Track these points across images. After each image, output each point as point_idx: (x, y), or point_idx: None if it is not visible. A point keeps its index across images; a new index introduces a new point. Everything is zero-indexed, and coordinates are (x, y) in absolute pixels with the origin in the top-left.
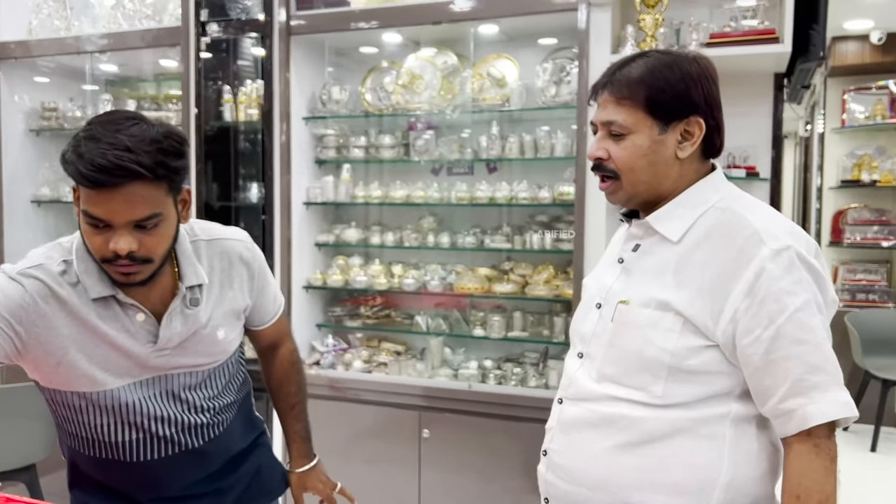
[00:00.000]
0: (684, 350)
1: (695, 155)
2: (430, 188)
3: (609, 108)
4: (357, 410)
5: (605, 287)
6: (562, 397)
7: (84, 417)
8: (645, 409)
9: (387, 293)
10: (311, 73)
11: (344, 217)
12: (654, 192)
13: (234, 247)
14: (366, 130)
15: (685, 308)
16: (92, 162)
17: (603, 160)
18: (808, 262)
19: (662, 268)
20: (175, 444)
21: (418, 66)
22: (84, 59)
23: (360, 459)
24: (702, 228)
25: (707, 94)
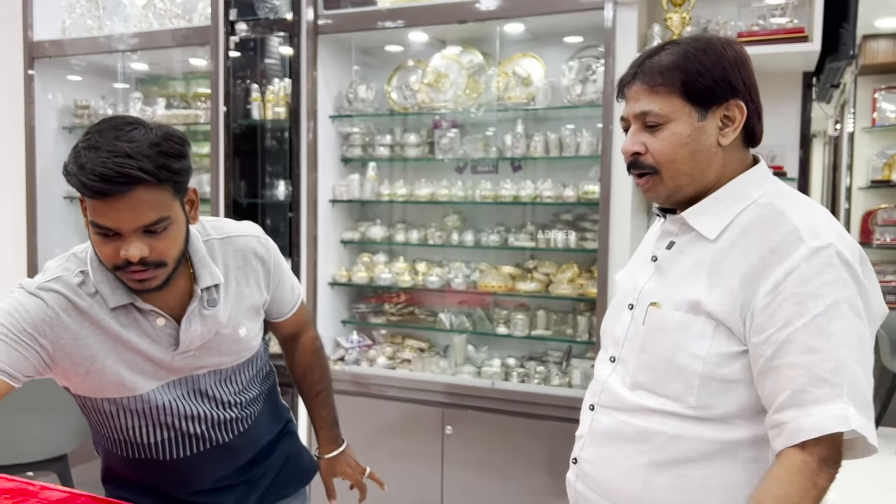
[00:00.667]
0: (717, 357)
1: (737, 143)
2: (455, 186)
3: (642, 98)
4: (381, 406)
5: (637, 287)
6: (593, 404)
7: (116, 421)
8: (681, 424)
9: (411, 290)
10: (337, 72)
11: (369, 215)
12: (698, 185)
13: (247, 243)
14: (391, 129)
15: (716, 309)
16: (93, 171)
17: (640, 154)
18: (848, 264)
19: (697, 267)
20: (206, 441)
21: (444, 64)
22: (115, 58)
23: (384, 455)
24: (740, 226)
25: (745, 77)
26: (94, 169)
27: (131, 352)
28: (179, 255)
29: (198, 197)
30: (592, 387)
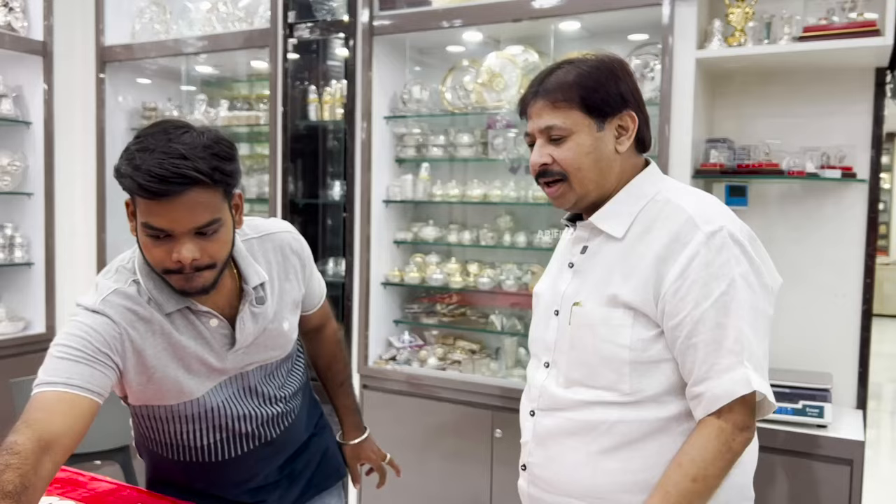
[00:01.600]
0: (640, 342)
1: (630, 150)
2: (507, 187)
3: (545, 114)
4: (431, 407)
5: (559, 293)
6: (533, 409)
7: (170, 427)
8: (620, 410)
9: (462, 291)
10: (392, 73)
11: (422, 215)
12: (601, 190)
13: (284, 239)
14: (445, 129)
15: (632, 299)
16: (150, 172)
17: (548, 165)
18: (739, 243)
19: (610, 265)
20: (254, 439)
21: (498, 64)
22: (181, 61)
23: (434, 455)
24: (643, 222)
25: (633, 88)
26: (150, 170)
27: (188, 356)
28: (227, 256)
29: (242, 201)
30: (528, 393)
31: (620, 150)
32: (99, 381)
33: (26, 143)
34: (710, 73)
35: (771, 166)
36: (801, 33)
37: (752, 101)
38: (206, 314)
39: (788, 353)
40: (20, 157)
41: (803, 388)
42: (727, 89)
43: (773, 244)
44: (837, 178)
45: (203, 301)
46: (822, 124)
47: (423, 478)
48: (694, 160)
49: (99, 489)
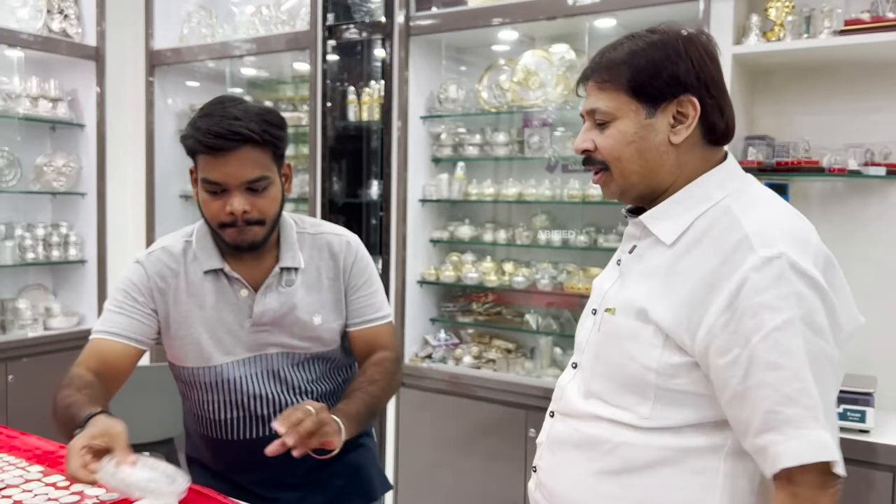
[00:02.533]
0: (670, 367)
1: (694, 141)
2: (543, 186)
3: (592, 95)
4: (465, 405)
5: (601, 292)
6: (553, 410)
7: (193, 393)
8: (630, 432)
9: (497, 290)
10: (429, 73)
11: (458, 214)
12: (651, 184)
13: (328, 239)
14: (481, 128)
15: (662, 320)
16: (209, 131)
17: (590, 151)
18: (805, 275)
19: (652, 274)
20: (260, 429)
21: (533, 62)
22: (227, 64)
23: (467, 454)
24: (696, 232)
25: (700, 70)
26: (209, 129)
27: (212, 319)
28: (276, 216)
29: (291, 172)
30: (555, 392)
31: (675, 141)
32: (137, 329)
33: (80, 144)
34: (749, 69)
35: (810, 163)
36: (841, 27)
37: (792, 97)
38: (238, 282)
39: None
40: (75, 159)
41: (844, 391)
42: (767, 86)
43: None
44: (882, 175)
45: (239, 269)
46: (866, 120)
47: (457, 476)
48: None
49: None
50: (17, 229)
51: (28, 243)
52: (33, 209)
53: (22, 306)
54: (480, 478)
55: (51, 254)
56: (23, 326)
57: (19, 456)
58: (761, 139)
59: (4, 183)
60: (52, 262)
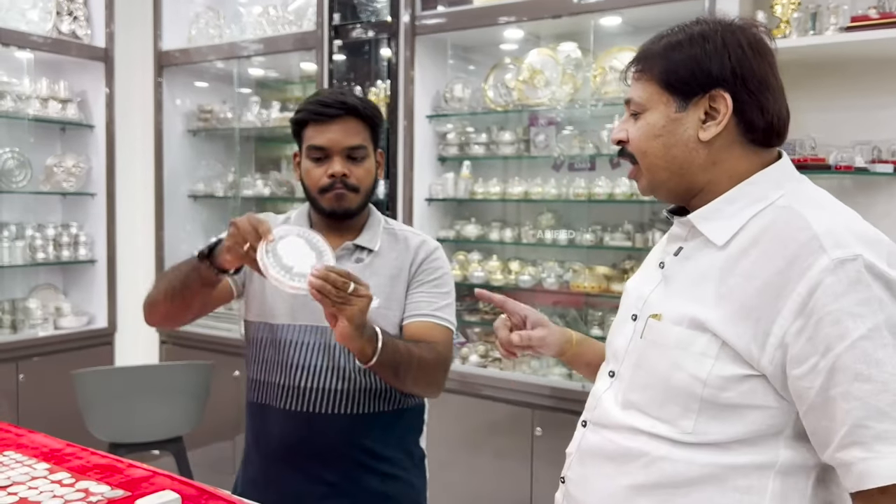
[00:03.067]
0: (721, 380)
1: (731, 139)
2: (549, 184)
3: (632, 85)
4: (471, 404)
5: (642, 296)
6: (586, 420)
7: (251, 351)
8: (671, 447)
9: (504, 289)
10: (435, 72)
11: (465, 213)
12: (682, 182)
13: (409, 237)
14: (487, 127)
15: (723, 329)
16: (318, 102)
17: (623, 142)
18: (884, 277)
19: (703, 278)
20: (312, 402)
21: (539, 61)
22: (235, 64)
23: (474, 452)
24: (753, 232)
25: (738, 65)
26: (318, 101)
27: None
28: (369, 189)
29: (384, 160)
30: (588, 401)
31: (703, 138)
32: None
33: (90, 145)
34: None
35: (816, 161)
36: (848, 23)
37: (800, 94)
38: None
39: None
40: (84, 160)
41: None
42: None
43: None
44: (889, 172)
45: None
46: (873, 117)
47: (463, 474)
48: None
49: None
50: (28, 229)
51: (38, 243)
52: (43, 209)
53: (32, 306)
54: (487, 477)
55: (61, 254)
56: (33, 326)
57: (25, 453)
58: None
59: (15, 183)
60: (63, 262)
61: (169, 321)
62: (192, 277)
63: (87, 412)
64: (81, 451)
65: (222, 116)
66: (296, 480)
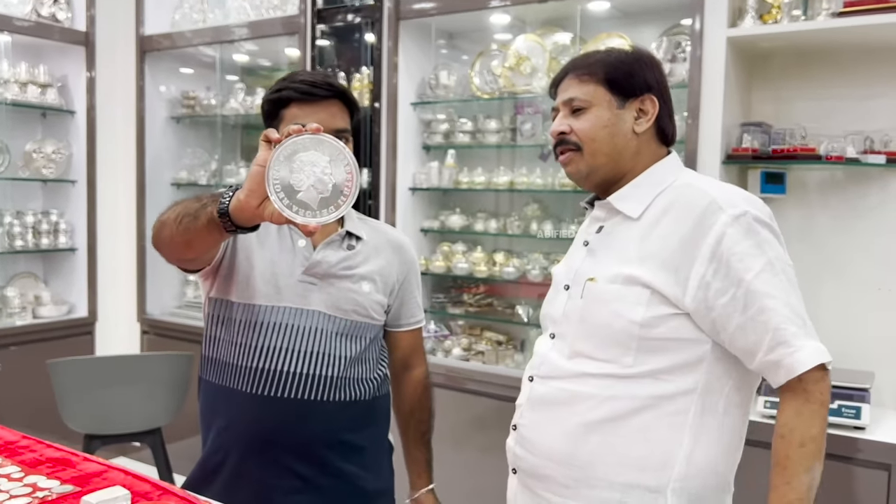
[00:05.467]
0: (653, 319)
1: (650, 136)
2: (534, 174)
3: (571, 88)
4: (454, 398)
5: (572, 269)
6: (532, 375)
7: (224, 333)
8: (615, 385)
9: (487, 282)
10: (420, 58)
11: (449, 203)
12: (613, 167)
13: (389, 231)
14: (473, 115)
15: (651, 280)
16: (304, 81)
17: (566, 133)
18: (766, 224)
19: (625, 244)
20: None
21: (525, 47)
22: (218, 49)
23: (457, 446)
24: (661, 205)
25: (660, 80)
26: (304, 79)
27: (269, 261)
28: None
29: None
30: (532, 361)
31: (637, 131)
32: None
33: (71, 131)
34: (745, 53)
35: (807, 151)
36: (841, 8)
37: (791, 83)
38: (298, 234)
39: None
40: (65, 146)
41: (839, 387)
42: (765, 71)
43: (813, 234)
44: (881, 163)
45: None
46: (866, 107)
47: (445, 470)
48: (725, 145)
49: (88, 470)
50: (7, 216)
51: (17, 231)
52: (23, 196)
53: (11, 294)
54: (470, 471)
55: (40, 242)
56: (11, 315)
57: None
58: (757, 126)
59: None
60: (42, 250)
61: (167, 252)
62: (202, 224)
63: (62, 403)
64: (37, 443)
65: (206, 103)
66: (264, 472)
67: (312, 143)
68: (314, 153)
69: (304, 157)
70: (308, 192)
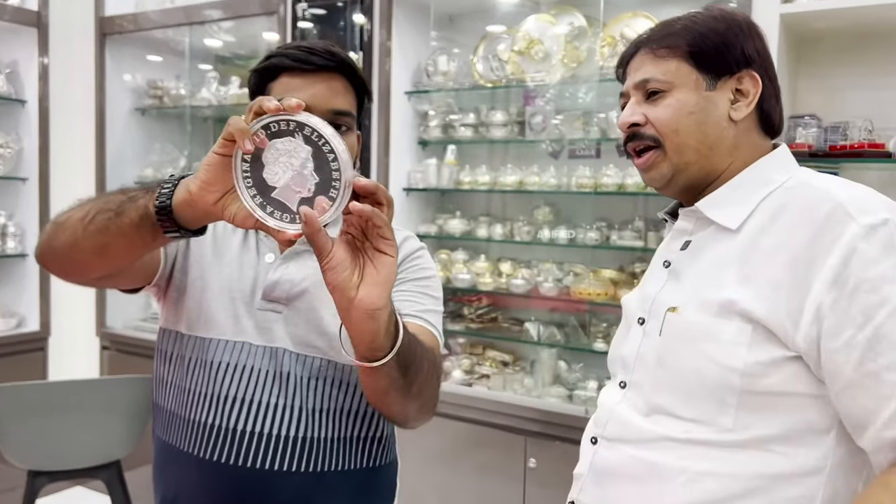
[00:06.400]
0: (758, 366)
1: (751, 125)
2: (547, 173)
3: (645, 66)
4: (453, 428)
5: (648, 297)
6: (596, 436)
7: (174, 374)
8: (709, 455)
9: (493, 294)
10: (416, 42)
11: (448, 206)
12: (705, 165)
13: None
14: (476, 107)
15: (754, 307)
16: (299, 48)
17: (640, 125)
18: None
19: (722, 263)
20: (246, 451)
21: (537, 28)
22: (190, 35)
23: (457, 486)
24: (767, 211)
25: (761, 51)
26: (299, 46)
27: (227, 280)
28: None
29: (360, 141)
30: (596, 417)
31: (735, 118)
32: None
33: (21, 123)
34: (795, 35)
35: (875, 147)
36: None
37: (843, 69)
38: (266, 244)
39: None
40: (14, 139)
41: None
42: (814, 57)
43: None
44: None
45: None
46: (877, 97)
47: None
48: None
49: None
50: None
51: None
52: None
53: None
54: None
55: None
56: None
57: None
58: (811, 118)
59: None
60: None
61: (66, 266)
62: (127, 223)
63: (3, 434)
64: None
65: (175, 93)
66: None
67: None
68: (291, 140)
69: (279, 145)
70: (284, 191)
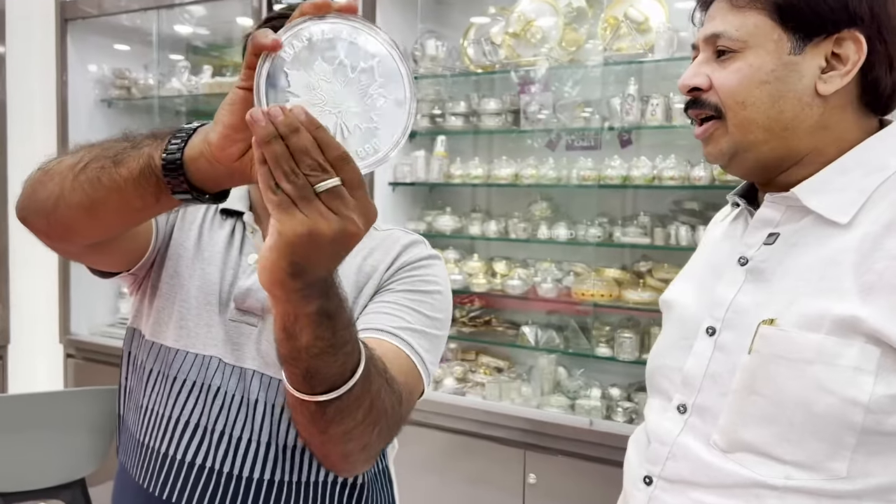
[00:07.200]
0: (887, 400)
1: (847, 100)
2: (545, 165)
3: (719, 16)
4: (445, 441)
5: (720, 302)
6: (651, 475)
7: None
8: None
9: (487, 296)
10: (401, 25)
11: (438, 201)
12: (779, 146)
13: (400, 236)
14: (467, 94)
15: (884, 327)
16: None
17: (701, 91)
18: None
19: (830, 266)
20: (199, 488)
21: (533, 9)
22: (157, 19)
23: (450, 502)
24: (887, 203)
25: (874, 7)
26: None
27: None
28: None
29: None
30: (652, 452)
31: (823, 92)
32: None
33: None
34: None
35: None
36: None
37: None
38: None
39: None
40: None
41: None
42: None
43: None
44: None
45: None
46: None
47: None
48: None
49: None
50: None
51: None
52: None
53: None
54: None
55: None
56: None
57: None
58: None
59: None
60: None
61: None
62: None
63: None
64: None
65: (143, 84)
66: None
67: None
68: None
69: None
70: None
